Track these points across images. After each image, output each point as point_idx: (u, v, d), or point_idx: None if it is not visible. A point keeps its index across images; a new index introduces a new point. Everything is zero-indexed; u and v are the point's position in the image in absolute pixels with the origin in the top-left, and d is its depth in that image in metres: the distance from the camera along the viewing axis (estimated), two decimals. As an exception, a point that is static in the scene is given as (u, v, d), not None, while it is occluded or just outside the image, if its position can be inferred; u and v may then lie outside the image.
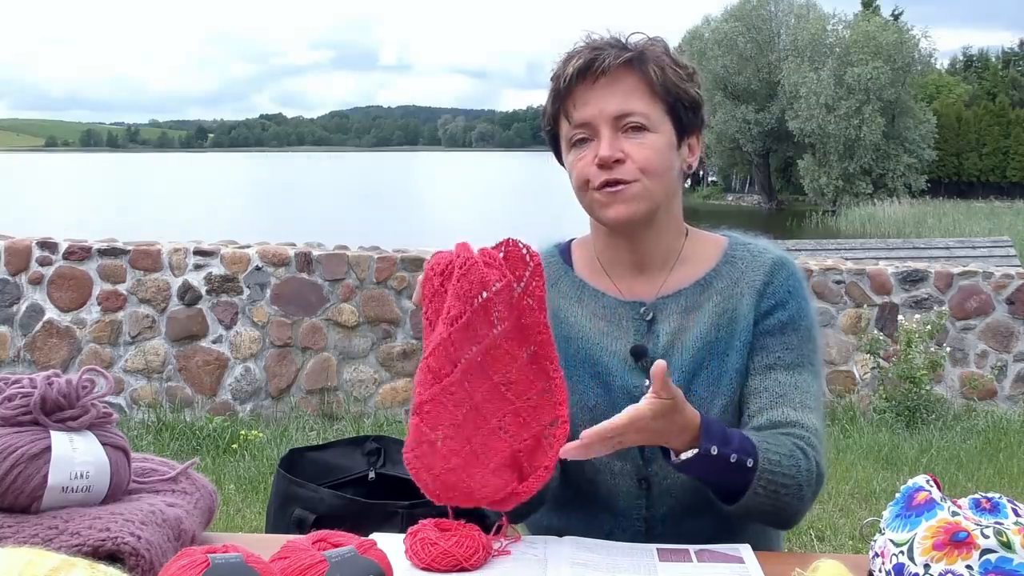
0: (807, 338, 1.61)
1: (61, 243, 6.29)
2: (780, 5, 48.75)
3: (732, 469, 1.42)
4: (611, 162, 1.53)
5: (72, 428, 1.32)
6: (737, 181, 58.41)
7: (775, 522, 1.56)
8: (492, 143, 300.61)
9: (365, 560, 1.17)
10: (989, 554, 1.14)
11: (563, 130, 1.60)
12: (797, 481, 1.47)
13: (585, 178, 1.56)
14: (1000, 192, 48.93)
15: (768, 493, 1.45)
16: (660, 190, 1.57)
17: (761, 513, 1.48)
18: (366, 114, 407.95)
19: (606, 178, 1.54)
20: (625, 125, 1.54)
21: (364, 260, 6.41)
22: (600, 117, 1.54)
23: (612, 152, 1.53)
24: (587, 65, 1.54)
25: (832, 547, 4.22)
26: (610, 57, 1.54)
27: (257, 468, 5.13)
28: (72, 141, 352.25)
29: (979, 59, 68.71)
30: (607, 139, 1.54)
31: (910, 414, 6.37)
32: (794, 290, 1.62)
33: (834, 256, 8.92)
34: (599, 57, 1.54)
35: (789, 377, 1.57)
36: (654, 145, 1.55)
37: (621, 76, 1.55)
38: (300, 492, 1.82)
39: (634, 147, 1.54)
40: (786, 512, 1.50)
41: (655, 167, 1.55)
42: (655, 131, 1.56)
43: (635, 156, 1.54)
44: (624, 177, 1.54)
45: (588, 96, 1.55)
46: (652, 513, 1.61)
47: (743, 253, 1.66)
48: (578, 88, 1.55)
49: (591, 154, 1.55)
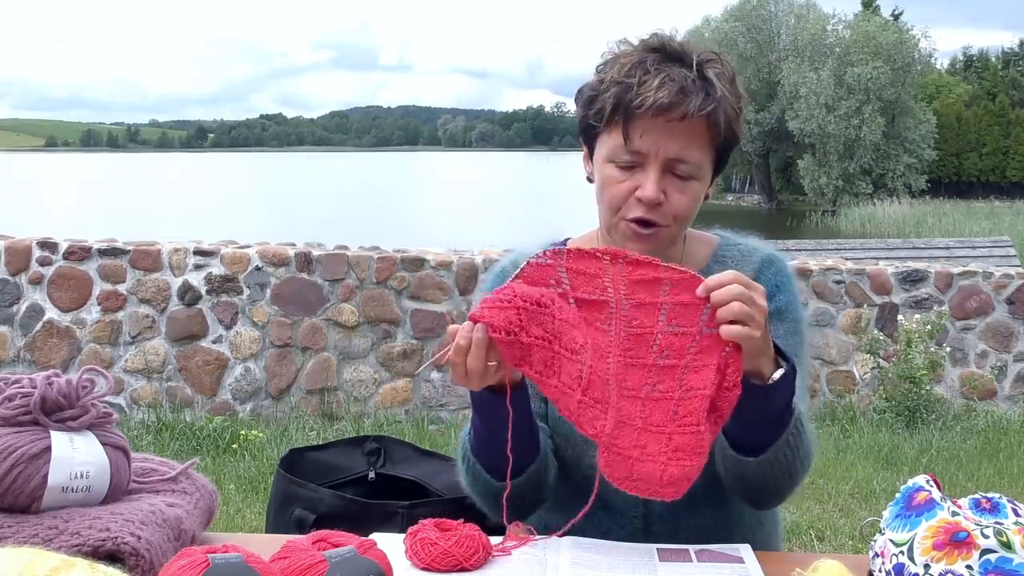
0: (794, 331, 1.61)
1: (61, 243, 6.29)
2: (780, 5, 48.74)
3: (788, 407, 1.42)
4: (653, 204, 1.51)
5: (72, 428, 1.32)
6: (737, 181, 58.39)
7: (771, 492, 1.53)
8: (492, 143, 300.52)
9: (365, 560, 1.17)
10: (989, 554, 1.14)
11: (612, 139, 1.54)
12: (809, 449, 1.49)
13: (617, 204, 1.54)
14: (1000, 192, 48.91)
15: (793, 447, 1.45)
16: (683, 231, 1.61)
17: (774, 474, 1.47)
18: (366, 114, 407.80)
19: (641, 216, 1.52)
20: (675, 169, 1.52)
21: (364, 260, 6.41)
22: (656, 156, 1.50)
23: (656, 196, 1.50)
24: (671, 106, 1.47)
25: (832, 547, 4.22)
26: (695, 105, 1.47)
27: (257, 468, 5.13)
28: (72, 141, 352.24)
29: (979, 59, 68.68)
30: (654, 180, 1.50)
31: (910, 414, 6.37)
32: (782, 285, 1.63)
33: (834, 256, 8.92)
34: (685, 102, 1.47)
35: None
36: (695, 194, 1.54)
37: (695, 123, 1.49)
38: (300, 492, 1.82)
39: (676, 192, 1.52)
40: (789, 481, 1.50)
41: (688, 214, 1.56)
42: (700, 179, 1.54)
43: (675, 202, 1.52)
44: (659, 220, 1.52)
45: (654, 128, 1.49)
46: (649, 510, 1.62)
47: (733, 252, 1.67)
48: (651, 119, 1.49)
49: (632, 185, 1.52)
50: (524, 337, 1.32)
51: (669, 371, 1.35)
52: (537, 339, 1.33)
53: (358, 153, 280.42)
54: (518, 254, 1.72)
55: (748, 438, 1.45)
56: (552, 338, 1.34)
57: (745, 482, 1.50)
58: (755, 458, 1.45)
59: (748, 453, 1.45)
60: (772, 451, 1.44)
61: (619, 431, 1.36)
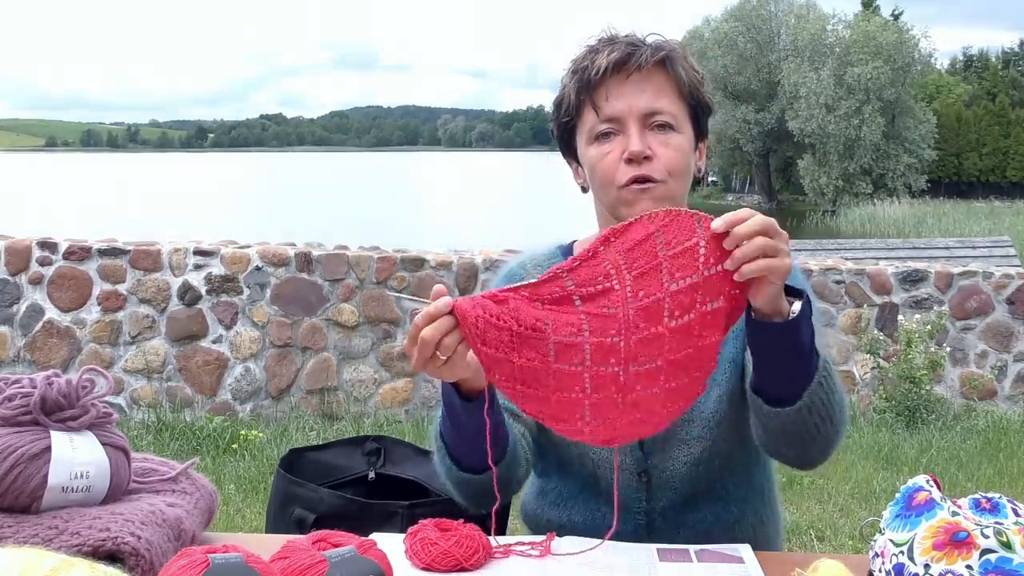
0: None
1: (61, 243, 6.29)
2: (780, 5, 48.75)
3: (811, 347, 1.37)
4: (641, 157, 1.53)
5: (72, 428, 1.32)
6: (737, 181, 58.41)
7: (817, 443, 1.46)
8: (492, 143, 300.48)
9: (365, 560, 1.17)
10: (989, 554, 1.14)
11: (586, 122, 1.59)
12: (842, 393, 1.45)
13: (611, 175, 1.56)
14: (1000, 192, 48.93)
15: (828, 390, 1.40)
16: (681, 193, 1.58)
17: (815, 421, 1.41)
18: (366, 114, 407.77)
19: (635, 174, 1.53)
20: (653, 123, 1.55)
21: (364, 260, 6.41)
22: (630, 113, 1.54)
23: (643, 148, 1.53)
24: (623, 59, 1.54)
25: (832, 547, 4.22)
26: (646, 54, 1.54)
27: (257, 468, 5.13)
28: (72, 141, 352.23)
29: (979, 59, 68.71)
30: (636, 134, 1.53)
31: (910, 414, 6.37)
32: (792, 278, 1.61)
33: (834, 256, 8.92)
34: (636, 52, 1.54)
35: None
36: (679, 146, 1.56)
37: (653, 74, 1.55)
38: (300, 492, 1.82)
39: (661, 146, 1.54)
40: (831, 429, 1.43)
41: (680, 168, 1.56)
42: (680, 131, 1.56)
43: (662, 155, 1.54)
44: (653, 175, 1.54)
45: (620, 90, 1.54)
46: (652, 506, 1.62)
47: None
48: (610, 81, 1.55)
49: (618, 149, 1.55)
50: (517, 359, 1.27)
51: (683, 332, 1.30)
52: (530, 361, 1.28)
53: (358, 153, 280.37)
54: (527, 256, 1.73)
55: (783, 386, 1.40)
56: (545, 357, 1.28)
57: (787, 435, 1.44)
58: (793, 407, 1.40)
59: (785, 404, 1.40)
60: (808, 396, 1.39)
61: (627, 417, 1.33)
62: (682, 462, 1.60)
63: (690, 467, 1.60)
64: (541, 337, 1.28)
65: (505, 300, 1.28)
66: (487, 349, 1.26)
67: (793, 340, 1.35)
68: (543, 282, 1.30)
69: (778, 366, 1.39)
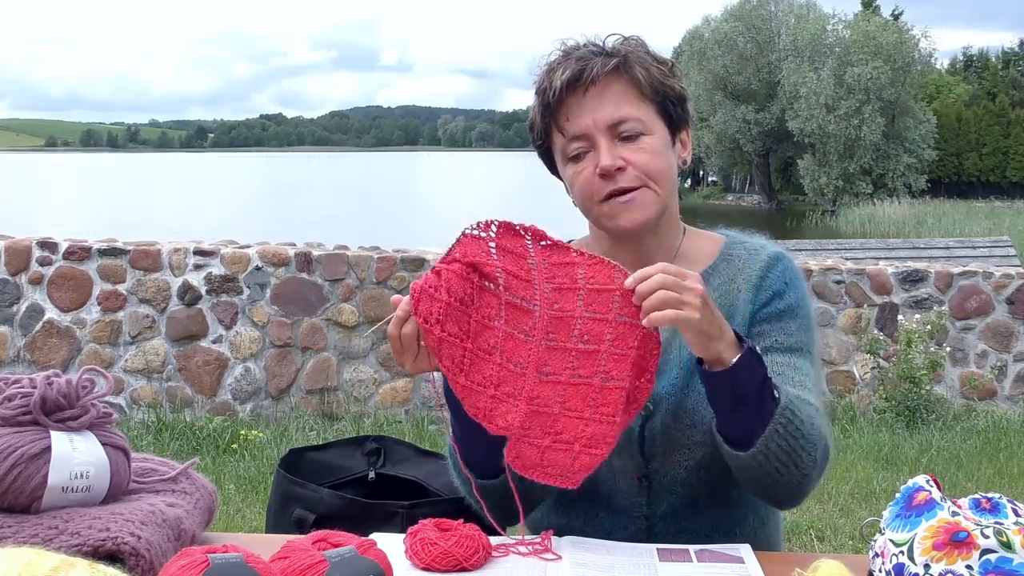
0: (805, 327, 1.60)
1: (61, 243, 6.29)
2: (780, 5, 48.77)
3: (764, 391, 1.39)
4: (613, 171, 1.52)
5: (72, 428, 1.32)
6: (737, 181, 58.42)
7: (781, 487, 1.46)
8: (492, 143, 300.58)
9: (365, 560, 1.18)
10: (989, 554, 1.14)
11: (557, 144, 1.58)
12: (812, 442, 1.43)
13: (589, 192, 1.55)
14: (1000, 192, 48.93)
15: (786, 437, 1.40)
16: (665, 192, 1.57)
17: (774, 467, 1.42)
18: (366, 114, 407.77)
19: (611, 189, 1.53)
20: (621, 132, 1.53)
21: (364, 260, 6.41)
22: (595, 127, 1.53)
23: (613, 161, 1.51)
24: (575, 76, 1.52)
25: (832, 547, 4.22)
26: (597, 65, 1.52)
27: (257, 468, 5.13)
28: (72, 141, 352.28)
29: (979, 59, 68.67)
30: (605, 148, 1.52)
31: (910, 414, 6.37)
32: (791, 281, 1.62)
33: (834, 256, 8.91)
34: (586, 67, 1.52)
35: (787, 359, 1.56)
36: (652, 148, 1.54)
37: (610, 83, 1.53)
38: (300, 492, 1.82)
39: (633, 153, 1.53)
40: (797, 473, 1.43)
41: (657, 170, 1.54)
42: (650, 134, 1.55)
43: (635, 162, 1.53)
44: (628, 185, 1.53)
45: (580, 107, 1.53)
46: (653, 511, 1.61)
47: (740, 251, 1.66)
48: (569, 100, 1.53)
49: (591, 166, 1.54)
50: (438, 332, 1.33)
51: (590, 356, 1.36)
52: (451, 336, 1.34)
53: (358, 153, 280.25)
54: None
55: (733, 430, 1.43)
56: (466, 337, 1.35)
57: (749, 477, 1.46)
58: (746, 452, 1.42)
59: (739, 447, 1.42)
60: (762, 442, 1.39)
61: (531, 420, 1.37)
62: (682, 467, 1.59)
63: (690, 472, 1.59)
64: (465, 312, 1.35)
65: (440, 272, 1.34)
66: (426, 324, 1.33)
67: (732, 389, 1.38)
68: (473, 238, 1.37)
69: (725, 412, 1.43)
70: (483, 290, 1.36)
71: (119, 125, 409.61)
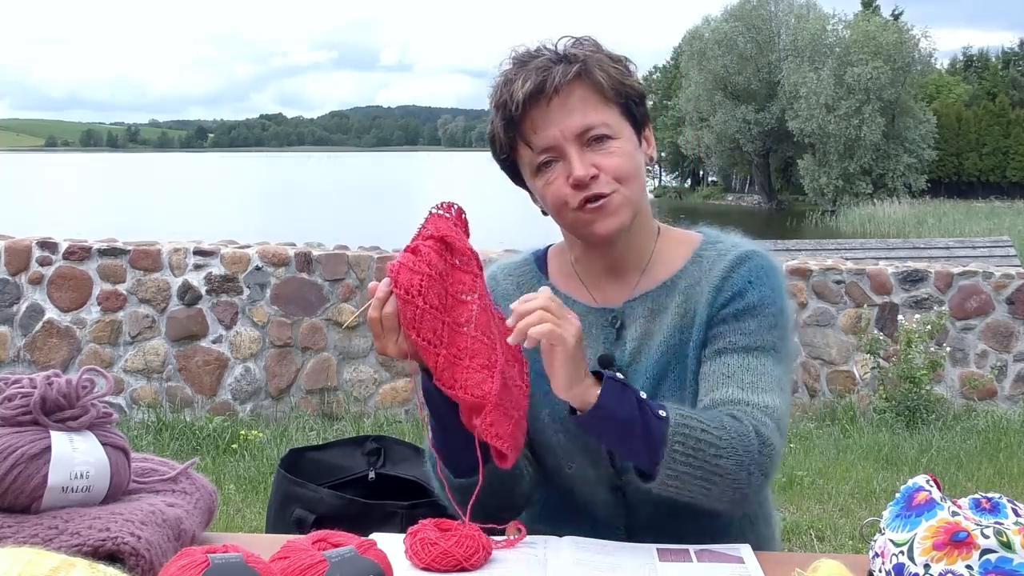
0: (770, 324, 1.54)
1: (61, 243, 6.29)
2: (780, 5, 48.78)
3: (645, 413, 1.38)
4: (587, 179, 1.49)
5: (72, 428, 1.32)
6: (737, 181, 58.45)
7: (715, 498, 1.42)
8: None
9: (365, 560, 1.18)
10: (989, 554, 1.14)
11: (524, 156, 1.55)
12: (729, 444, 1.39)
13: (562, 201, 1.52)
14: (1000, 192, 48.95)
15: (689, 453, 1.37)
16: (637, 194, 1.55)
17: (694, 482, 1.39)
18: (366, 114, 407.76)
19: (584, 196, 1.50)
20: (589, 139, 1.51)
21: (364, 260, 6.41)
22: (563, 137, 1.50)
23: (586, 171, 1.49)
24: (538, 88, 1.48)
25: (832, 547, 4.22)
26: (558, 74, 1.49)
27: (257, 468, 5.13)
28: (72, 141, 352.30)
29: (979, 59, 68.69)
30: (576, 158, 1.49)
31: (910, 414, 6.37)
32: (756, 280, 1.56)
33: (834, 256, 8.91)
34: (548, 76, 1.49)
35: (741, 360, 1.51)
36: (622, 151, 1.52)
37: (572, 90, 1.50)
38: (300, 492, 1.82)
39: (603, 158, 1.51)
40: (723, 483, 1.40)
41: (628, 173, 1.52)
42: (618, 137, 1.52)
43: (607, 167, 1.50)
44: (601, 191, 1.51)
45: (545, 119, 1.50)
46: (632, 521, 1.60)
47: (710, 252, 1.61)
48: (532, 112, 1.50)
49: (562, 176, 1.51)
50: (420, 302, 1.34)
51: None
52: (431, 308, 1.35)
53: (358, 153, 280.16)
54: (498, 267, 1.73)
55: (637, 463, 1.43)
56: (444, 309, 1.37)
57: (681, 499, 1.43)
58: (655, 482, 1.40)
59: (649, 479, 1.41)
60: (663, 469, 1.38)
61: (505, 391, 1.40)
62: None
63: None
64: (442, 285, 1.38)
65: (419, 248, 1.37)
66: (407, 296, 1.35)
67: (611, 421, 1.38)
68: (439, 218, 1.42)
69: (618, 449, 1.46)
70: (454, 267, 1.39)
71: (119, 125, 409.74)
